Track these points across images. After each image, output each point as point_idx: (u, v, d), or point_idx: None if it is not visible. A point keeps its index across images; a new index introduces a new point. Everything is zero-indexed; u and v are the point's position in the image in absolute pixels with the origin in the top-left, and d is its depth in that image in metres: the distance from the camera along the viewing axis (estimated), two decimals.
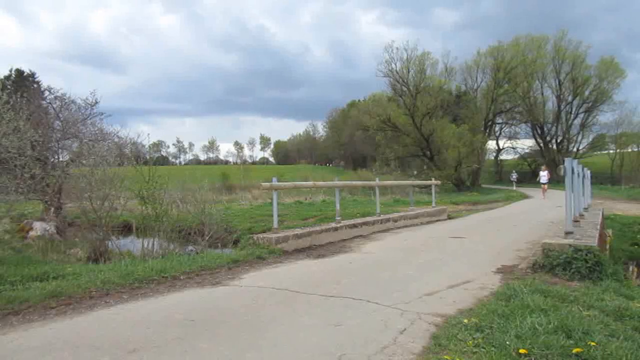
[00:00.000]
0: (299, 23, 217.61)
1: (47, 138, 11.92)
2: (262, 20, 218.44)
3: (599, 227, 7.48)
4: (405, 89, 39.33)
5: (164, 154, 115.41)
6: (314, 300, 3.86)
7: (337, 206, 8.74)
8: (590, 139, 50.11)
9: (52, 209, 12.19)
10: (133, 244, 10.10)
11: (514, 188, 32.57)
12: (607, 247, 9.35)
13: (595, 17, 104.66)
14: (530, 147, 54.47)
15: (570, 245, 5.05)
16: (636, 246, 11.41)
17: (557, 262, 4.93)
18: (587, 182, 12.51)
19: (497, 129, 52.97)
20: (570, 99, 47.64)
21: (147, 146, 16.82)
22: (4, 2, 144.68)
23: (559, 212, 10.22)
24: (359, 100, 66.62)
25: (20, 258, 7.44)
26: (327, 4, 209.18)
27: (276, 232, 6.94)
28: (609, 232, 11.42)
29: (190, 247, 9.01)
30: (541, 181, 24.03)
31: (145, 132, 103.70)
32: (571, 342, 2.66)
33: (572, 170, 6.22)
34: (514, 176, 35.33)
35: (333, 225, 8.15)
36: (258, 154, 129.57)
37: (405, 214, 10.95)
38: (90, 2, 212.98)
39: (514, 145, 54.52)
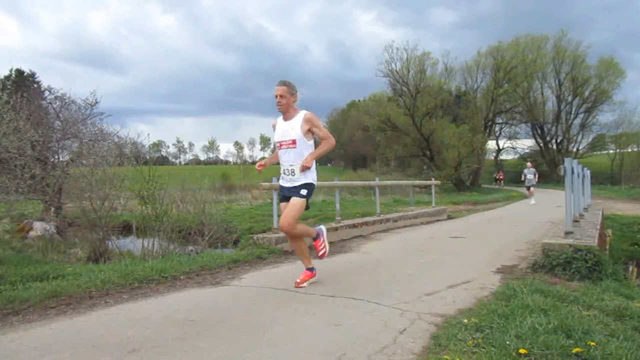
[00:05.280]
0: (298, 23, 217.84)
1: (47, 138, 11.93)
2: (261, 20, 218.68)
3: (599, 227, 7.49)
4: (405, 89, 39.33)
5: (164, 154, 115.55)
6: (314, 300, 3.86)
7: (337, 206, 8.74)
8: (590, 139, 50.18)
9: (52, 209, 12.19)
10: (133, 244, 10.10)
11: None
12: (607, 247, 9.37)
13: (594, 17, 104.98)
14: (530, 147, 54.54)
15: (570, 245, 5.06)
16: (636, 246, 11.42)
17: (557, 262, 4.93)
18: (587, 182, 12.52)
19: (497, 129, 53.04)
20: (570, 99, 47.70)
21: (147, 146, 16.84)
22: (4, 2, 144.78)
23: (559, 212, 10.22)
24: (358, 100, 66.74)
25: (20, 258, 7.44)
26: (325, 4, 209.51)
27: (276, 232, 6.93)
28: (609, 232, 11.44)
29: (190, 247, 9.01)
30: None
31: (144, 132, 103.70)
32: (571, 342, 2.66)
33: (572, 170, 6.23)
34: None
35: (333, 225, 8.14)
36: (258, 154, 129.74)
37: (405, 214, 10.94)
38: (89, 2, 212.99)
39: (514, 145, 54.61)
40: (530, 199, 18.05)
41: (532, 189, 18.02)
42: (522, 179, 18.61)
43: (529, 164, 19.26)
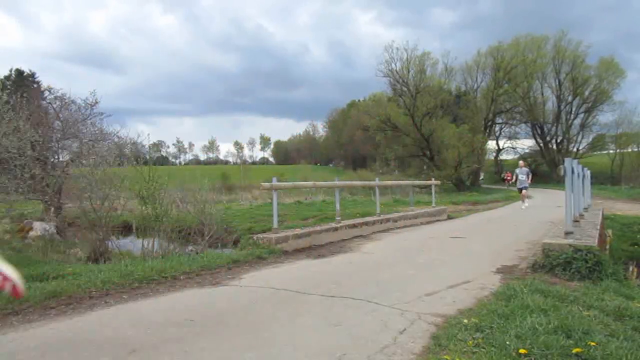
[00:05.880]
0: (297, 23, 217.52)
1: (47, 138, 11.92)
2: (260, 20, 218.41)
3: (599, 227, 7.48)
4: (405, 89, 39.32)
5: (164, 154, 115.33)
6: (314, 300, 3.86)
7: (337, 206, 8.74)
8: (590, 139, 50.15)
9: (52, 209, 12.19)
10: (133, 244, 10.10)
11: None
12: (607, 247, 9.36)
13: (593, 17, 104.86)
14: (530, 147, 54.53)
15: (570, 246, 5.06)
16: (636, 246, 11.41)
17: (557, 262, 4.93)
18: (587, 182, 12.52)
19: (497, 129, 53.02)
20: (570, 99, 47.70)
21: (147, 146, 16.82)
22: (4, 2, 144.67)
23: (559, 212, 10.21)
24: (359, 100, 66.74)
25: (20, 258, 7.45)
26: (325, 4, 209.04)
27: (276, 232, 6.94)
28: (609, 232, 11.42)
29: (190, 247, 9.01)
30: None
31: (144, 132, 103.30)
32: (571, 342, 2.66)
33: (572, 170, 6.23)
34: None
35: (333, 225, 8.14)
36: (258, 154, 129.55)
37: (405, 214, 10.94)
38: (89, 2, 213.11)
39: (514, 145, 54.58)
40: (523, 203, 15.86)
41: (524, 191, 15.66)
42: (514, 179, 16.23)
43: (521, 162, 17.27)
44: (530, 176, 15.79)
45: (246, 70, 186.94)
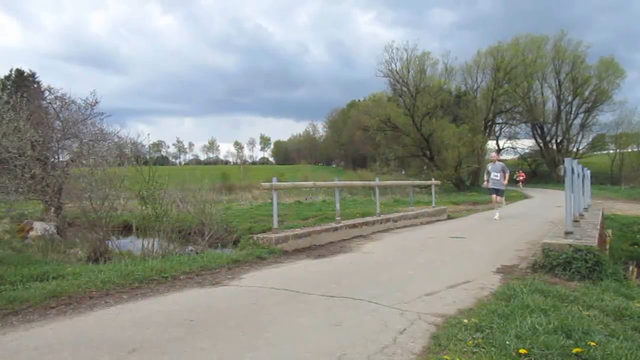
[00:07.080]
0: (297, 23, 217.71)
1: (47, 138, 11.92)
2: (260, 20, 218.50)
3: (599, 227, 7.48)
4: (405, 89, 39.32)
5: (164, 154, 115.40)
6: (314, 300, 3.86)
7: (337, 206, 8.74)
8: (590, 139, 50.18)
9: (52, 209, 12.18)
10: (133, 244, 10.10)
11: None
12: (607, 247, 9.36)
13: (593, 17, 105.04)
14: (530, 147, 54.57)
15: (570, 245, 5.06)
16: (636, 246, 11.41)
17: (557, 262, 4.93)
18: (587, 182, 12.51)
19: (497, 129, 53.02)
20: (570, 99, 47.72)
21: (147, 146, 16.79)
22: (4, 2, 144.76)
23: (559, 212, 10.21)
24: (358, 100, 66.79)
25: (20, 258, 7.43)
26: (325, 4, 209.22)
27: (276, 232, 6.94)
28: (609, 232, 11.41)
29: (190, 247, 9.02)
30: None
31: (144, 132, 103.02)
32: (571, 342, 2.66)
33: (572, 170, 6.23)
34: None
35: (333, 225, 8.15)
36: (258, 154, 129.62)
37: (405, 214, 10.94)
38: (89, 2, 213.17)
39: (514, 145, 54.60)
40: (495, 212, 11.64)
41: (498, 197, 11.50)
42: (486, 180, 11.85)
43: (494, 155, 13.57)
44: (507, 175, 11.53)
45: (246, 70, 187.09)
